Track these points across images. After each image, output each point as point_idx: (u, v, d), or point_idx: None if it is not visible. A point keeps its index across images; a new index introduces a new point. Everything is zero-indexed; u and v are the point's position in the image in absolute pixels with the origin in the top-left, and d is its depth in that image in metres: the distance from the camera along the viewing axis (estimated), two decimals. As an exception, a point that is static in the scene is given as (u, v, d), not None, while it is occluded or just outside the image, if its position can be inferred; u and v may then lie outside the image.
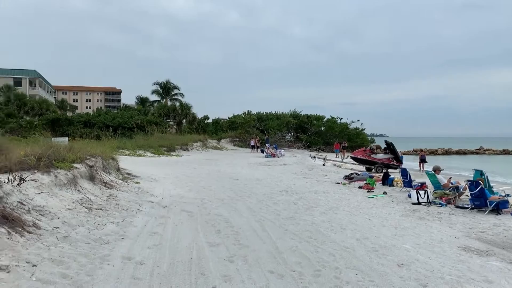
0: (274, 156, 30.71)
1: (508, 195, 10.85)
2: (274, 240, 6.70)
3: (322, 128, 50.86)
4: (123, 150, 25.00)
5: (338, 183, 15.36)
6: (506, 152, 65.49)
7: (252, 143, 38.28)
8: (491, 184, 11.91)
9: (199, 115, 50.47)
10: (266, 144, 36.02)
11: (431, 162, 27.63)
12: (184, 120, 48.14)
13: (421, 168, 25.11)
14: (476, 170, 12.31)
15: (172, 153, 29.73)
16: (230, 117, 52.21)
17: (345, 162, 29.54)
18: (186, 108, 47.71)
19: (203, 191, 12.02)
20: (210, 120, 51.99)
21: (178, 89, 65.42)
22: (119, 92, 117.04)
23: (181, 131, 44.09)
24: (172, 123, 47.57)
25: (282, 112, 52.55)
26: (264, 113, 52.54)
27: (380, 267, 5.48)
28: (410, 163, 33.55)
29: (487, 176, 11.78)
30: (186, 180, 14.42)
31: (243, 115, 51.57)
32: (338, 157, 34.13)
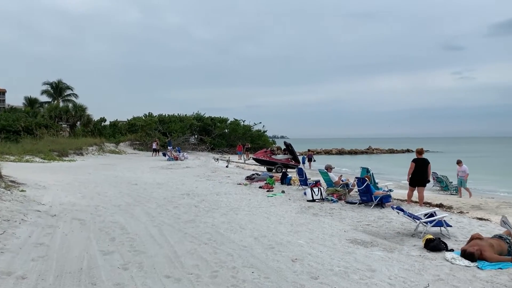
0: (176, 159, 30.23)
1: (390, 190, 11.96)
2: (172, 244, 6.58)
3: (226, 130, 51.29)
4: (7, 156, 22.73)
5: (240, 184, 15.60)
6: (391, 151, 72.22)
7: (154, 146, 37.27)
8: (376, 181, 13.01)
9: (95, 117, 47.79)
10: (169, 147, 35.31)
11: (326, 161, 29.38)
12: (78, 123, 45.19)
13: (310, 166, 26.86)
14: (363, 168, 13.36)
15: (64, 158, 27.71)
16: (129, 119, 50.25)
17: (247, 163, 30.15)
18: (80, 109, 44.80)
19: (98, 197, 11.38)
20: (107, 123, 49.48)
21: (72, 90, 61.21)
22: (3, 93, 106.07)
23: (75, 135, 41.26)
24: (65, 125, 44.36)
25: (186, 114, 51.97)
26: (167, 115, 51.46)
27: (276, 263, 5.67)
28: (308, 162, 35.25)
29: (372, 173, 12.85)
30: (79, 186, 13.54)
31: (143, 117, 49.95)
32: (241, 158, 34.72)
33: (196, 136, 50.80)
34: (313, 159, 32.59)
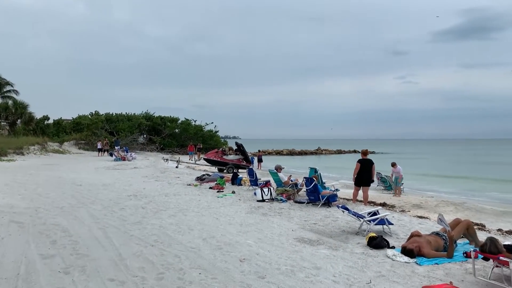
0: (124, 160, 29.44)
1: (337, 190, 12.29)
2: (118, 247, 6.39)
3: (177, 130, 50.60)
4: None
5: (189, 184, 15.43)
6: (339, 152, 74.28)
7: (99, 146, 36.06)
8: (324, 180, 13.32)
9: (38, 115, 45.60)
10: (116, 147, 34.31)
11: (277, 162, 29.70)
12: (18, 121, 42.89)
13: (259, 167, 27.13)
14: (311, 168, 13.65)
15: (3, 158, 26.20)
16: (74, 117, 48.35)
17: (198, 164, 29.90)
18: (21, 107, 42.54)
19: (39, 199, 10.86)
20: (51, 121, 47.32)
21: (12, 86, 57.73)
22: None
23: (15, 133, 39.15)
24: (4, 123, 41.96)
25: (134, 113, 50.73)
26: (114, 114, 49.98)
27: (223, 264, 5.66)
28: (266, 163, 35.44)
29: (320, 173, 13.15)
30: (18, 187, 12.86)
31: (89, 116, 48.23)
32: (192, 159, 34.36)
33: (145, 135, 49.74)
34: (262, 160, 32.91)
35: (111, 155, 32.11)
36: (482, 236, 6.83)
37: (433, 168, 36.10)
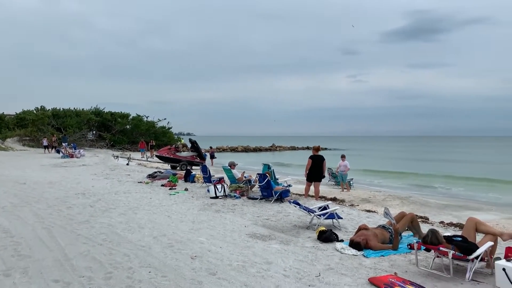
0: (72, 157, 28.35)
1: (289, 185, 12.47)
2: (63, 247, 6.16)
3: (128, 127, 49.36)
4: None
5: (141, 182, 15.12)
6: (293, 148, 75.37)
7: (45, 143, 34.53)
8: (277, 176, 13.46)
9: (-22, 110, 42.95)
10: (63, 144, 32.98)
11: (232, 158, 29.69)
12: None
13: (212, 163, 27.07)
14: (264, 164, 13.75)
15: None
16: (18, 112, 45.95)
17: (150, 161, 29.35)
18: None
19: (-23, 198, 10.25)
20: (-8, 116, 44.77)
21: (-51, 78, 54.28)
22: None
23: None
24: None
25: (83, 109, 48.96)
26: (61, 109, 48.00)
27: (174, 261, 5.59)
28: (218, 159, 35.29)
29: (273, 170, 13.27)
30: (-45, 187, 12.07)
31: (35, 111, 46.01)
32: (143, 156, 33.64)
33: (94, 132, 48.14)
34: (215, 156, 32.76)
35: (58, 152, 30.81)
36: (426, 228, 7.16)
37: (381, 164, 37.44)
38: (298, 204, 8.35)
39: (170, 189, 13.36)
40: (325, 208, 8.21)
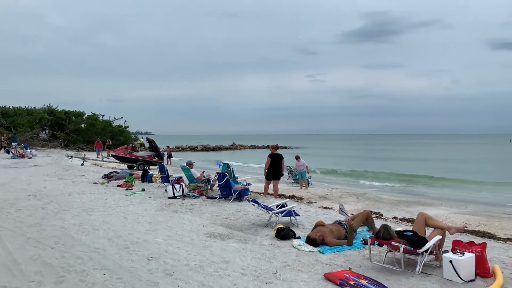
0: (23, 157, 27.09)
1: (249, 184, 12.51)
2: (12, 251, 5.90)
3: (82, 126, 47.81)
4: None
5: (96, 182, 14.69)
6: (253, 147, 75.66)
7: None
8: (236, 175, 13.47)
9: None
10: (13, 143, 31.52)
11: (192, 158, 29.42)
12: None
13: (169, 163, 26.80)
14: (224, 163, 13.74)
15: None
16: (-37, 111, 43.48)
17: (106, 161, 28.60)
18: None
19: None
20: None
21: None
22: None
23: None
24: None
25: (35, 107, 46.92)
26: (11, 107, 45.76)
27: (130, 263, 5.48)
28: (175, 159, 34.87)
29: (232, 168, 13.27)
30: None
31: (-19, 110, 43.66)
32: (99, 156, 32.69)
33: (47, 131, 46.28)
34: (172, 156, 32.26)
35: (7, 152, 29.37)
36: (380, 224, 7.39)
37: (340, 163, 38.27)
38: (256, 202, 8.40)
39: (126, 189, 13.07)
40: (283, 206, 8.30)
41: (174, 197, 11.30)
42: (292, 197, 13.01)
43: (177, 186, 11.60)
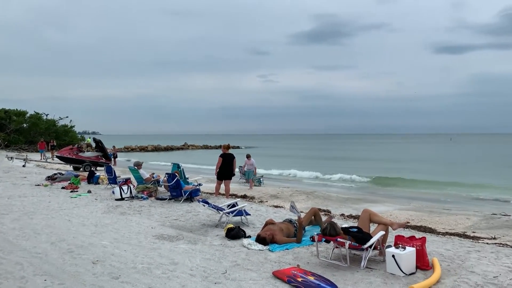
0: (-43, 159, 25.38)
1: (200, 184, 12.40)
2: None
3: (25, 125, 45.43)
4: None
5: (39, 185, 14.02)
6: (205, 147, 75.14)
7: None
8: (187, 175, 13.32)
9: None
10: None
11: (141, 158, 28.77)
12: None
13: (115, 164, 26.22)
14: (174, 164, 13.53)
15: None
16: None
17: (50, 162, 27.38)
18: None
19: None
20: None
21: None
22: None
23: None
24: None
25: (-29, 106, 44.04)
26: None
27: (74, 267, 5.27)
28: (121, 158, 34.01)
29: (183, 169, 13.10)
30: None
31: None
32: (43, 157, 31.19)
33: (-15, 131, 43.61)
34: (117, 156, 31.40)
35: None
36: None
37: (292, 162, 38.84)
38: (206, 202, 8.34)
39: (71, 191, 12.56)
40: (234, 205, 8.30)
41: (122, 199, 11.02)
42: (244, 196, 13.05)
43: (124, 187, 11.30)
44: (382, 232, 5.63)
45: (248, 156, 17.93)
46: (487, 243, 7.43)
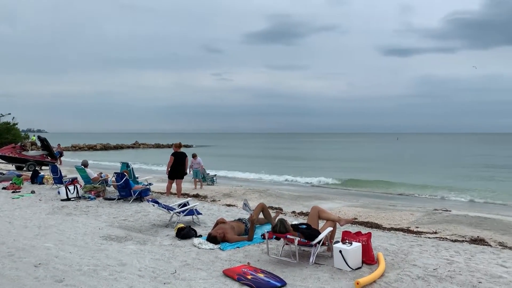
0: None
1: (150, 184, 12.17)
2: None
3: (-39, 123, 42.65)
4: None
5: (-25, 186, 13.21)
6: (157, 146, 73.76)
7: None
8: (136, 175, 13.03)
9: None
10: None
11: (89, 157, 27.84)
12: None
13: (60, 163, 25.25)
14: (123, 163, 13.20)
15: None
16: None
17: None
18: None
19: None
20: None
21: None
22: None
23: None
24: None
25: None
26: None
27: (14, 271, 5.02)
28: (68, 159, 32.82)
29: (132, 168, 12.81)
30: None
31: None
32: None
33: None
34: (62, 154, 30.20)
35: None
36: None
37: (244, 162, 38.98)
38: (156, 202, 8.20)
39: (13, 192, 11.95)
40: (185, 205, 8.22)
41: (68, 199, 10.62)
42: (196, 196, 12.96)
43: (71, 187, 10.90)
44: (330, 228, 5.78)
45: (194, 156, 17.59)
46: (429, 237, 7.82)
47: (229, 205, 11.10)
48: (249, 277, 4.79)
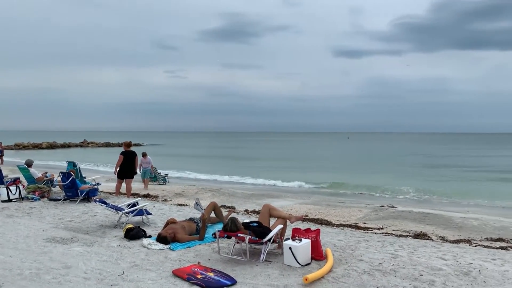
0: None
1: (98, 184, 11.79)
2: None
3: None
4: None
5: None
6: (107, 145, 71.67)
7: None
8: (84, 174, 12.58)
9: None
10: None
11: (35, 156, 26.52)
12: None
13: (1, 162, 24.06)
14: (69, 162, 12.70)
15: None
16: None
17: None
18: None
19: None
20: None
21: None
22: None
23: None
24: None
25: None
26: None
27: None
28: (11, 159, 31.27)
29: (79, 167, 12.35)
30: None
31: None
32: None
33: None
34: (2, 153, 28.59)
35: None
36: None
37: (197, 162, 38.68)
38: (104, 202, 7.95)
39: None
40: (134, 205, 8.03)
41: (9, 200, 10.09)
42: (147, 195, 12.70)
43: (13, 188, 10.35)
44: (281, 226, 5.85)
45: (144, 154, 17.18)
46: (375, 233, 8.13)
47: (180, 205, 10.97)
48: (199, 276, 4.76)
